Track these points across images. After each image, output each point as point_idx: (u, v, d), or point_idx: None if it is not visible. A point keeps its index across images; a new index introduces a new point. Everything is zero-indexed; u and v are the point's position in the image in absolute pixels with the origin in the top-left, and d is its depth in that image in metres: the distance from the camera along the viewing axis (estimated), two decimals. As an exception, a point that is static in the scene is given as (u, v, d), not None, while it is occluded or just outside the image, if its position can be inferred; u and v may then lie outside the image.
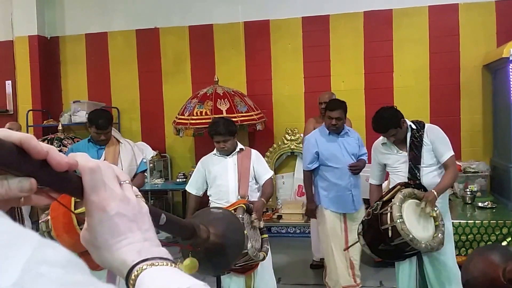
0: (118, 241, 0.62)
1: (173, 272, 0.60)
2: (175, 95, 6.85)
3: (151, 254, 0.62)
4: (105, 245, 0.63)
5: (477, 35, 6.11)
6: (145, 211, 0.67)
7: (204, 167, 3.72)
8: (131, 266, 0.61)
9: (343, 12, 6.43)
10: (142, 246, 0.63)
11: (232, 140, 3.60)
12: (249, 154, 3.69)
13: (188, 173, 6.31)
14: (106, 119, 3.84)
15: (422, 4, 6.22)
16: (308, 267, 5.10)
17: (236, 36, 6.72)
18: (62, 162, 0.59)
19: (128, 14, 7.03)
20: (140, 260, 0.61)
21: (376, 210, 3.10)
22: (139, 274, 0.59)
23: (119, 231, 0.63)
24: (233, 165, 3.61)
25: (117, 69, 7.15)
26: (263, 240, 3.21)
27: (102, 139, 3.82)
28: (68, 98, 7.20)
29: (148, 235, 0.65)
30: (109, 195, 0.63)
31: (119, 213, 0.63)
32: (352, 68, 6.44)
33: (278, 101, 6.67)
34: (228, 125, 3.59)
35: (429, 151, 3.43)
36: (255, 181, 3.67)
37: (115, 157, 3.80)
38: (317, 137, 4.27)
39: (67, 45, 7.29)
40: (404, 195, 3.05)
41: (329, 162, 4.19)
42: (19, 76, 7.17)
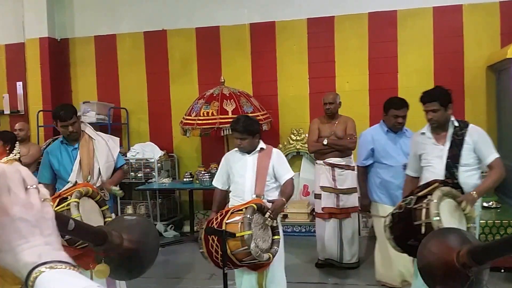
0: (19, 244, 0.63)
1: (71, 275, 0.61)
2: (182, 96, 6.83)
3: (51, 258, 0.62)
4: (7, 248, 0.63)
5: (481, 36, 6.02)
6: (48, 217, 0.67)
7: (227, 163, 3.70)
8: (31, 268, 0.61)
9: (347, 13, 6.37)
10: (43, 249, 0.63)
11: (250, 140, 3.52)
12: (269, 153, 3.60)
13: (195, 173, 6.29)
14: (68, 110, 3.65)
15: (426, 5, 6.14)
16: (314, 266, 5.06)
17: (242, 38, 6.68)
18: None
19: (136, 17, 7.02)
20: (40, 263, 0.61)
21: (410, 204, 2.96)
22: (38, 276, 0.60)
23: (21, 235, 0.63)
24: (253, 164, 3.55)
25: (125, 71, 7.14)
26: (274, 241, 3.16)
27: (71, 131, 3.58)
28: (77, 99, 7.20)
29: (50, 240, 0.65)
30: (12, 199, 0.64)
31: (21, 218, 0.64)
32: (356, 69, 6.37)
33: (283, 102, 6.62)
34: (248, 125, 3.53)
35: (469, 150, 3.28)
36: (274, 180, 3.58)
37: (90, 156, 3.63)
38: (374, 134, 4.26)
39: (76, 47, 7.29)
40: (443, 192, 2.90)
41: (383, 159, 4.17)
42: (30, 77, 7.17)
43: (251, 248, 2.90)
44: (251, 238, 2.93)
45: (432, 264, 0.96)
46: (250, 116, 3.99)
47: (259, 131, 3.63)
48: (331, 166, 4.83)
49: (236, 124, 3.53)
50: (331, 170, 4.84)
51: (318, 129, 4.95)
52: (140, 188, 6.41)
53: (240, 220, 3.00)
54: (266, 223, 3.15)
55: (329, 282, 4.68)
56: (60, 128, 3.62)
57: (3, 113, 7.27)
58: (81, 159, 3.58)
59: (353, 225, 4.94)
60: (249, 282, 3.41)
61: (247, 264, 3.16)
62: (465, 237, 0.98)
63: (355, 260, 4.93)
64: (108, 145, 3.77)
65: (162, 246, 6.02)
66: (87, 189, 2.99)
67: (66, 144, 3.67)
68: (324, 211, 4.85)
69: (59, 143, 3.70)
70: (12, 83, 7.33)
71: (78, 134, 3.64)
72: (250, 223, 2.97)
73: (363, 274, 4.80)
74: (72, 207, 2.82)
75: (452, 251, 0.92)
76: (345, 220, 4.87)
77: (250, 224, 2.97)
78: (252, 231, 2.96)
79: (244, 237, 2.92)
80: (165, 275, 5.02)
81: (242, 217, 3.00)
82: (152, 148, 6.77)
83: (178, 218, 6.98)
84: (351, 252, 4.90)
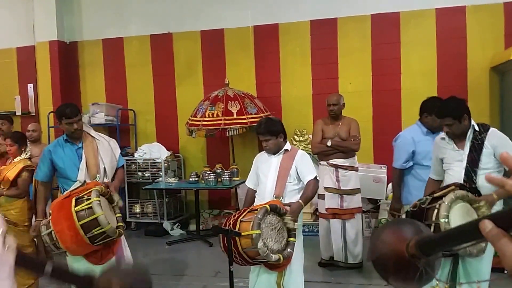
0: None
1: None
2: (187, 97, 6.81)
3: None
4: None
5: (484, 37, 5.88)
6: (4, 261, 0.69)
7: (256, 163, 3.71)
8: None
9: (351, 15, 6.28)
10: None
11: (274, 140, 3.51)
12: (293, 154, 3.57)
13: (200, 173, 6.26)
14: (73, 107, 3.61)
15: (429, 6, 6.02)
16: (317, 265, 5.01)
17: (246, 40, 6.64)
18: None
19: (143, 20, 7.03)
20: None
21: (424, 204, 2.92)
22: None
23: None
24: (276, 165, 3.54)
25: (132, 73, 7.15)
26: (289, 243, 3.14)
27: (76, 129, 3.53)
28: (86, 101, 7.23)
29: (3, 284, 0.68)
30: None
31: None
32: (359, 70, 6.28)
33: (286, 103, 6.56)
34: (270, 125, 3.53)
35: (489, 155, 3.18)
36: (297, 182, 3.53)
37: (95, 154, 3.59)
38: (414, 136, 4.07)
39: (85, 49, 7.32)
40: (456, 196, 2.83)
41: (424, 161, 3.99)
42: (40, 79, 7.23)
43: (259, 247, 2.91)
44: (259, 237, 2.94)
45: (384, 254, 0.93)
46: (273, 118, 3.95)
47: (282, 131, 3.59)
48: (335, 167, 4.78)
49: (259, 128, 3.56)
50: (334, 171, 4.78)
51: (322, 130, 4.88)
52: (148, 187, 6.40)
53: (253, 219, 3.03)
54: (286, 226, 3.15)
55: (332, 281, 4.64)
56: (64, 126, 3.56)
57: (15, 114, 7.31)
58: (87, 158, 3.54)
59: (357, 226, 4.88)
60: (267, 281, 3.38)
61: (260, 263, 3.17)
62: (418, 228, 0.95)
63: (359, 260, 4.88)
64: (111, 146, 3.76)
65: (169, 244, 6.03)
66: (101, 188, 3.06)
67: (69, 143, 3.61)
68: (328, 211, 4.80)
69: (62, 141, 3.63)
70: (24, 85, 7.39)
71: (81, 133, 3.61)
72: (259, 223, 2.98)
73: (366, 274, 4.75)
74: (95, 206, 2.93)
75: (403, 241, 0.89)
76: (349, 221, 4.81)
77: (260, 224, 2.98)
78: (260, 230, 2.96)
79: (253, 236, 2.94)
80: (171, 272, 5.03)
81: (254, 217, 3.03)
82: (159, 148, 6.76)
83: (184, 217, 6.98)
84: (355, 252, 4.85)
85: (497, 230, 0.59)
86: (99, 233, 2.90)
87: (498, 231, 0.59)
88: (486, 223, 0.61)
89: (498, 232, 0.60)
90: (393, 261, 0.91)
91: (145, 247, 6.00)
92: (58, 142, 3.67)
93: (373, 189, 5.76)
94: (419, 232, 0.93)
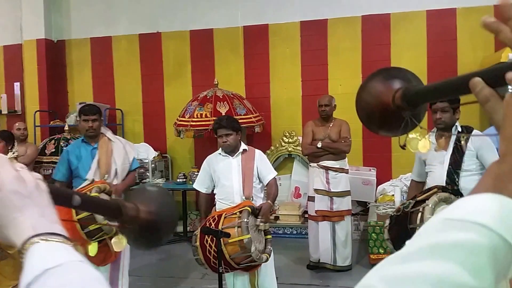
0: (14, 217, 0.62)
1: (61, 248, 0.59)
2: (176, 97, 6.64)
3: (45, 230, 0.60)
4: (3, 223, 0.62)
5: (475, 40, 5.78)
6: (43, 189, 0.66)
7: (209, 166, 3.58)
8: (24, 240, 0.59)
9: (341, 16, 6.15)
10: (38, 221, 0.62)
11: (235, 136, 3.44)
12: (252, 154, 3.53)
13: (188, 173, 6.11)
14: (92, 106, 3.78)
15: (420, 8, 5.91)
16: (305, 268, 4.93)
17: (235, 40, 6.49)
18: None
19: (132, 19, 6.85)
20: (33, 234, 0.60)
21: (407, 208, 2.87)
22: (29, 247, 0.58)
23: (15, 207, 0.62)
24: (237, 165, 3.46)
25: (121, 72, 6.97)
26: (267, 241, 3.13)
27: (91, 126, 3.62)
28: (74, 100, 7.04)
29: (44, 212, 0.64)
30: (2, 174, 0.63)
31: (13, 190, 0.62)
32: (349, 72, 6.15)
33: (276, 104, 6.42)
34: (232, 121, 3.51)
35: (471, 156, 3.14)
36: (259, 181, 3.50)
37: (108, 155, 3.66)
38: None
39: (73, 48, 7.14)
40: (440, 198, 2.78)
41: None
42: (27, 78, 7.03)
43: (252, 251, 2.85)
44: (251, 242, 2.87)
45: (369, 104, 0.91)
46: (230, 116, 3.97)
47: (241, 130, 3.58)
48: (325, 169, 4.69)
49: (221, 121, 3.50)
50: (325, 173, 4.69)
51: (312, 131, 4.80)
52: (135, 188, 6.14)
53: (237, 224, 2.95)
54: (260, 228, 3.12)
55: (320, 284, 4.56)
56: (82, 123, 3.68)
57: (1, 113, 7.13)
58: (99, 158, 3.63)
59: (346, 228, 4.80)
60: (242, 283, 3.32)
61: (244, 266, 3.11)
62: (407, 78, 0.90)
63: (348, 263, 4.81)
64: (125, 148, 3.84)
65: (156, 247, 5.81)
66: (104, 186, 3.10)
67: (86, 143, 3.71)
68: (318, 214, 4.73)
69: (80, 142, 3.76)
70: (10, 84, 7.18)
71: (97, 134, 3.70)
72: (247, 227, 2.91)
73: (355, 276, 4.66)
74: None
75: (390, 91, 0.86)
76: (338, 223, 4.73)
77: (248, 228, 2.91)
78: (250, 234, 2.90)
79: (244, 241, 2.86)
80: (158, 274, 4.95)
81: (238, 221, 2.95)
82: (146, 149, 6.57)
83: (172, 219, 6.73)
84: (344, 255, 4.77)
85: (487, 90, 0.56)
86: (96, 230, 2.84)
87: (489, 90, 0.56)
88: (476, 82, 0.57)
89: (489, 92, 0.56)
90: (378, 111, 0.89)
91: (131, 249, 5.76)
92: (76, 143, 3.83)
93: (362, 191, 5.65)
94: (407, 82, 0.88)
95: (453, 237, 0.44)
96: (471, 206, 0.47)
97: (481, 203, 0.46)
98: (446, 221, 0.46)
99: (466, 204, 0.47)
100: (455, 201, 1.28)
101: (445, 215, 0.47)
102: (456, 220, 0.45)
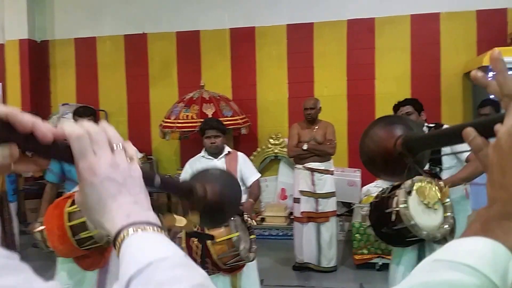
0: (107, 204, 0.61)
1: (158, 240, 0.57)
2: (162, 99, 6.57)
3: (139, 218, 0.59)
4: (95, 208, 0.62)
5: (458, 44, 5.89)
6: (136, 175, 0.64)
7: (192, 168, 3.57)
8: (118, 228, 0.58)
9: (327, 20, 6.19)
10: (132, 209, 0.60)
11: (222, 139, 3.50)
12: (236, 157, 3.57)
13: (173, 176, 6.01)
14: (86, 108, 3.77)
15: (404, 12, 5.98)
16: (291, 269, 4.93)
17: (222, 42, 6.48)
18: (48, 133, 0.58)
19: (117, 20, 6.77)
20: (128, 223, 0.58)
21: (385, 193, 2.94)
22: (125, 238, 0.57)
23: (109, 194, 0.61)
24: (222, 167, 3.44)
25: (105, 73, 6.88)
26: (251, 240, 3.13)
27: None
28: (57, 101, 6.93)
29: (138, 198, 0.62)
30: (97, 160, 0.61)
31: (108, 177, 0.61)
32: (335, 75, 6.19)
33: (262, 106, 6.41)
34: (221, 123, 3.59)
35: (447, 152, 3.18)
36: (242, 184, 3.52)
37: None
38: None
39: (56, 49, 7.02)
40: (414, 180, 2.80)
41: None
42: (9, 78, 6.88)
43: (241, 249, 2.85)
44: (240, 240, 2.87)
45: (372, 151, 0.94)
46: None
47: (226, 132, 3.64)
48: (311, 171, 4.72)
49: (211, 121, 3.54)
50: (310, 174, 4.72)
51: (298, 134, 4.83)
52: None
53: None
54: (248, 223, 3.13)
55: (306, 285, 4.57)
56: None
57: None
58: None
59: (331, 229, 4.82)
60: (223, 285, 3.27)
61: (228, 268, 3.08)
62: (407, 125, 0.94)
63: (333, 264, 4.83)
64: None
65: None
66: None
67: None
68: (303, 215, 4.75)
69: None
70: (-9, 84, 6.98)
71: None
72: (235, 225, 2.91)
73: (340, 277, 4.70)
74: None
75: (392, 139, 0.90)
76: (323, 224, 4.76)
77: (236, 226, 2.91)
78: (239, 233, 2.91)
79: (233, 240, 2.85)
80: None
81: None
82: (131, 150, 6.44)
83: (157, 221, 6.66)
84: (329, 256, 4.80)
85: (479, 139, 0.59)
86: (87, 237, 2.75)
87: (481, 139, 0.59)
88: (469, 131, 0.60)
89: (481, 141, 0.59)
90: (381, 158, 0.92)
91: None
92: None
93: (347, 192, 5.68)
94: (408, 130, 0.92)
95: (442, 276, 0.47)
96: (460, 248, 0.50)
97: (470, 246, 0.49)
98: (436, 262, 0.50)
99: (456, 247, 0.51)
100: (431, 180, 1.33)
101: (436, 257, 0.50)
102: (446, 261, 0.48)
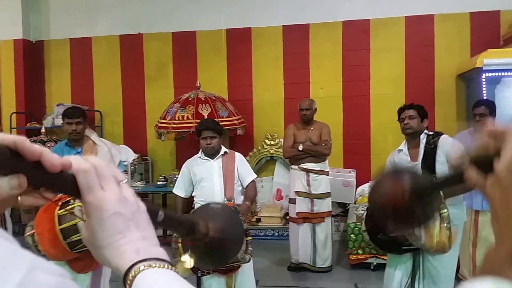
0: (116, 240, 0.59)
1: (170, 277, 0.57)
2: (157, 99, 6.57)
3: (149, 255, 0.58)
4: (104, 244, 0.60)
5: (451, 46, 5.92)
6: (143, 210, 0.63)
7: (189, 170, 3.57)
8: (129, 265, 0.57)
9: (322, 21, 6.21)
10: (141, 245, 0.59)
11: (218, 139, 3.48)
12: (233, 156, 3.56)
13: (168, 176, 6.03)
14: (76, 109, 3.68)
15: (398, 14, 6.02)
16: (286, 269, 4.93)
17: (218, 43, 6.48)
18: (56, 164, 0.56)
19: (113, 20, 6.75)
20: (138, 260, 0.57)
21: None
22: (136, 275, 0.56)
23: (117, 230, 0.59)
24: (218, 168, 3.48)
25: (100, 73, 6.86)
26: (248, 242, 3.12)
27: (74, 130, 3.49)
28: (51, 101, 6.89)
29: (146, 234, 0.61)
30: (105, 194, 0.60)
31: (116, 212, 0.60)
32: (330, 76, 6.21)
33: (258, 107, 6.42)
34: (217, 124, 3.57)
35: (442, 162, 3.19)
36: (240, 183, 3.53)
37: None
38: None
39: (51, 49, 6.99)
40: None
41: None
42: (4, 78, 6.85)
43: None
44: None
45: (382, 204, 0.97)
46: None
47: (223, 133, 3.62)
48: (306, 171, 4.72)
49: (207, 123, 3.53)
50: (305, 175, 4.73)
51: (294, 135, 4.83)
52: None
53: None
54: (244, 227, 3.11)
55: (301, 285, 4.56)
56: (65, 126, 3.57)
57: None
58: None
59: (326, 230, 4.83)
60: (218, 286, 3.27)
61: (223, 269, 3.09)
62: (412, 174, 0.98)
63: (328, 264, 4.84)
64: (111, 152, 3.68)
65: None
66: None
67: (69, 147, 3.59)
68: (299, 216, 4.75)
69: (63, 145, 3.63)
70: (-15, 84, 6.94)
71: (81, 137, 3.58)
72: None
73: (335, 277, 4.70)
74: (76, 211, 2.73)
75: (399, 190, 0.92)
76: (319, 225, 4.76)
77: None
78: None
79: None
80: None
81: None
82: (126, 151, 6.45)
83: (152, 222, 6.63)
84: (324, 256, 4.80)
85: (482, 180, 0.59)
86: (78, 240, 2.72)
87: (482, 180, 0.59)
88: (470, 173, 0.60)
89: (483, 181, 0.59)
90: (391, 210, 0.93)
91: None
92: (59, 146, 3.70)
93: (343, 193, 5.70)
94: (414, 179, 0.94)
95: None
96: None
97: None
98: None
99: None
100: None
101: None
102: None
